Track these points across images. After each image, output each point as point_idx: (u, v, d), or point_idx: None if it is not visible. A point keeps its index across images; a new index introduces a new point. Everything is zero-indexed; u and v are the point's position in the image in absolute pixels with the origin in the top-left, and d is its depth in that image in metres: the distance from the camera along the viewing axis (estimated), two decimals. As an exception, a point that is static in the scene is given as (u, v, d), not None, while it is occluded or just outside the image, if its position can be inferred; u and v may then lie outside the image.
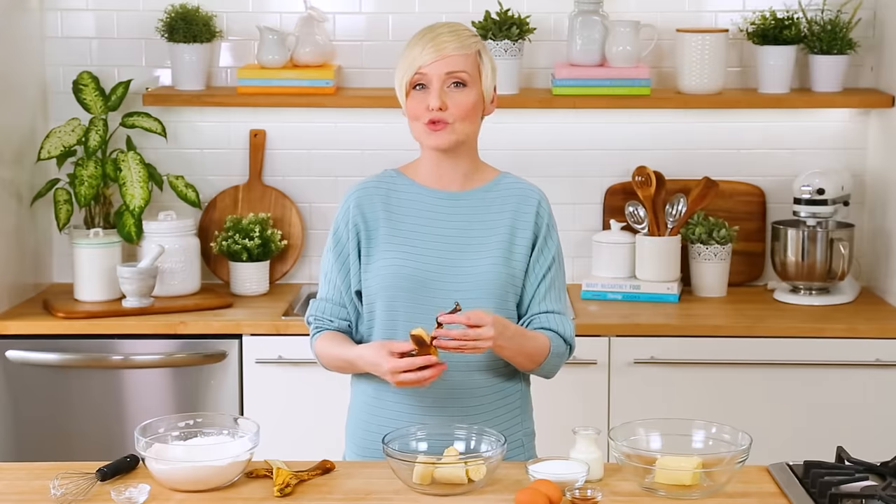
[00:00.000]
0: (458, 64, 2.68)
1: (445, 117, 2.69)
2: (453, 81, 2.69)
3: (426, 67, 2.67)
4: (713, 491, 2.49)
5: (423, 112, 2.69)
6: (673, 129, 4.32)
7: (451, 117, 2.69)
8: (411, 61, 2.69)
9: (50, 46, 4.31)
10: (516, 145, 4.29)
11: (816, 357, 3.82)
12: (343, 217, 2.79)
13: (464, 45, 2.69)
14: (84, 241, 4.06)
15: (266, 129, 4.34)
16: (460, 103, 2.69)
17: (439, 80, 2.68)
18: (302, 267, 4.38)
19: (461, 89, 2.69)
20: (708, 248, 4.14)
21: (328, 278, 2.81)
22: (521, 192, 2.80)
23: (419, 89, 2.70)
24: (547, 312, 2.77)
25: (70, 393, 3.90)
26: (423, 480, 2.48)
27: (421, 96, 2.69)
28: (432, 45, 2.67)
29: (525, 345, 2.70)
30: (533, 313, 2.77)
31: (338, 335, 2.79)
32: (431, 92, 2.68)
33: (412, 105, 2.71)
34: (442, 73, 2.67)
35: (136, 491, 2.45)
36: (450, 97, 2.69)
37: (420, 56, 2.67)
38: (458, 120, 2.70)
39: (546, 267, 2.77)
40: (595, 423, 3.40)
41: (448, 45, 2.67)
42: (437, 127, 2.69)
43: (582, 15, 4.17)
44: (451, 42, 2.68)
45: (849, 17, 4.18)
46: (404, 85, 2.71)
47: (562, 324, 2.77)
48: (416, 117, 2.71)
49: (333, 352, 2.75)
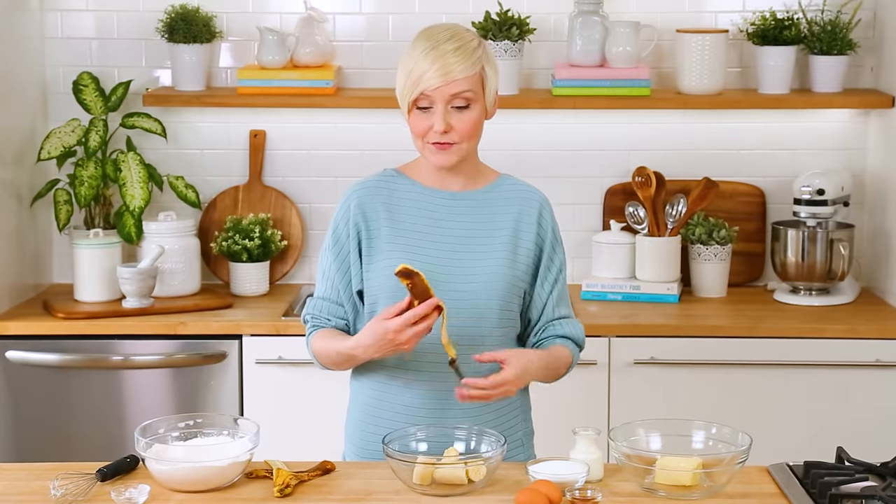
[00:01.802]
0: (462, 85, 2.65)
1: (450, 139, 2.68)
2: (458, 103, 2.67)
3: (431, 91, 2.65)
4: (713, 491, 2.49)
5: (428, 132, 2.69)
6: (673, 129, 4.32)
7: (457, 137, 2.69)
8: (416, 80, 2.65)
9: (50, 47, 4.31)
10: (516, 146, 4.29)
11: (816, 357, 3.82)
12: (343, 216, 2.78)
13: (469, 65, 2.65)
14: (84, 242, 4.06)
15: (266, 129, 4.34)
16: (465, 124, 2.68)
17: (443, 101, 2.66)
18: (302, 267, 4.38)
19: (465, 110, 2.68)
20: (708, 249, 4.14)
21: (326, 277, 2.80)
22: (524, 194, 2.80)
23: (423, 109, 2.68)
24: (561, 318, 2.80)
25: (70, 393, 3.90)
26: (423, 481, 2.48)
27: (425, 116, 2.68)
28: (438, 68, 2.63)
29: (550, 367, 2.75)
30: (548, 320, 2.79)
31: (334, 331, 2.78)
32: (436, 114, 2.66)
33: (415, 123, 2.69)
34: (447, 96, 2.65)
35: (136, 491, 2.45)
36: (454, 118, 2.67)
37: (425, 79, 2.64)
38: (464, 140, 2.70)
39: (557, 272, 2.79)
40: (595, 423, 3.40)
41: (454, 67, 2.64)
42: (444, 148, 2.69)
43: (582, 15, 4.17)
44: (457, 64, 2.64)
45: (849, 17, 4.18)
46: (407, 102, 2.69)
47: (575, 327, 2.82)
48: (420, 135, 2.70)
49: (331, 347, 2.74)
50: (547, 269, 2.78)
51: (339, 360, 2.75)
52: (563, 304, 2.81)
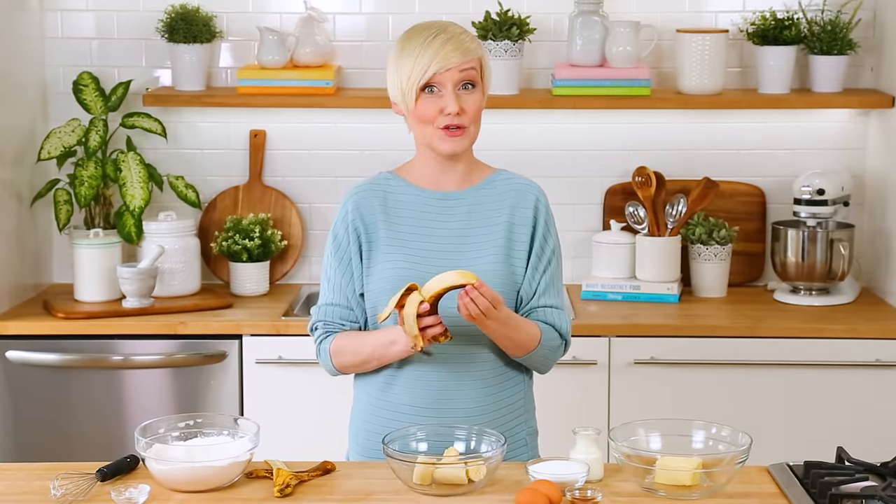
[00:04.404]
0: (469, 64, 2.68)
1: (462, 121, 2.69)
2: (464, 83, 2.68)
3: (442, 73, 2.65)
4: (713, 491, 2.49)
5: (438, 116, 2.68)
6: (673, 129, 4.32)
7: (467, 120, 2.69)
8: (424, 66, 2.65)
9: (50, 46, 4.31)
10: (516, 146, 4.29)
11: (816, 357, 3.82)
12: (342, 221, 2.79)
13: (474, 48, 2.69)
14: (84, 242, 4.06)
15: (266, 129, 4.34)
16: (473, 105, 2.69)
17: (453, 83, 2.67)
18: (302, 267, 4.38)
19: (471, 91, 2.69)
20: (708, 249, 4.14)
21: (332, 283, 2.79)
22: (518, 187, 2.80)
23: (429, 93, 2.68)
24: (545, 307, 2.77)
25: (70, 393, 3.90)
26: (424, 481, 2.48)
27: (434, 100, 2.68)
28: (444, 54, 2.65)
29: (514, 330, 2.69)
30: (532, 307, 2.77)
31: (359, 331, 2.78)
32: (447, 95, 2.67)
33: (424, 108, 2.68)
34: (456, 76, 2.66)
35: (136, 491, 2.45)
36: (463, 100, 2.68)
37: (436, 61, 2.64)
38: (473, 122, 2.71)
39: (546, 262, 2.77)
40: (595, 423, 3.41)
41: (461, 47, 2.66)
42: (456, 133, 2.69)
43: (582, 15, 4.17)
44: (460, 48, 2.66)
45: (849, 17, 4.18)
46: (414, 91, 2.68)
47: (559, 318, 2.78)
48: (430, 121, 2.69)
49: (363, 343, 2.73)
50: (537, 258, 2.77)
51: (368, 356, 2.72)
52: (550, 293, 2.78)
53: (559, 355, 2.81)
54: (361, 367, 2.78)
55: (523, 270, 2.76)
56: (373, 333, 2.74)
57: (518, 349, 2.73)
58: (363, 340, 2.74)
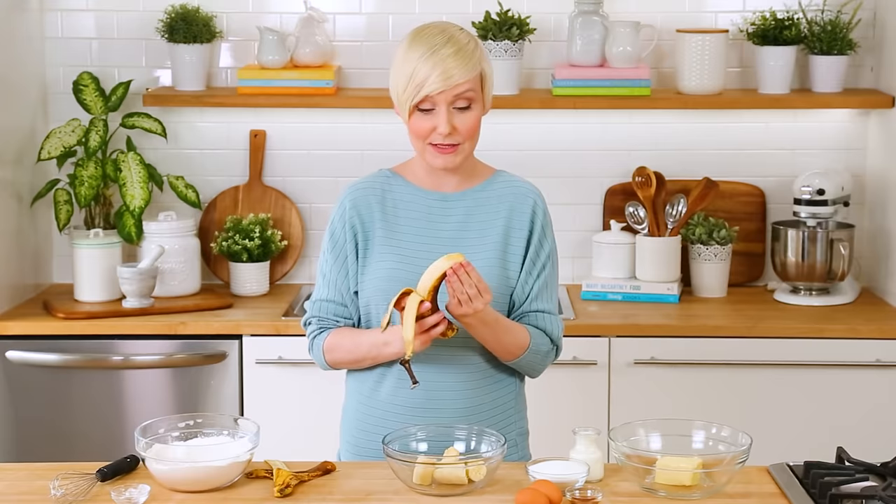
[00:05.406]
0: (465, 86, 2.65)
1: (454, 140, 2.68)
2: (460, 104, 2.67)
3: (434, 95, 2.64)
4: (713, 491, 2.49)
5: (430, 133, 2.68)
6: (673, 129, 4.32)
7: (460, 138, 2.68)
8: (417, 85, 2.64)
9: (50, 47, 4.31)
10: (516, 146, 4.29)
11: (816, 357, 3.82)
12: (340, 218, 2.79)
13: (470, 68, 2.65)
14: (84, 242, 4.06)
15: (266, 129, 4.34)
16: (467, 124, 2.68)
17: (446, 103, 2.66)
18: (302, 267, 4.38)
19: (467, 111, 2.68)
20: (708, 249, 4.14)
21: (327, 279, 2.80)
22: (517, 190, 2.80)
23: (424, 111, 2.68)
24: (537, 311, 2.77)
25: (70, 393, 3.90)
26: (423, 481, 2.48)
27: (427, 118, 2.67)
28: (440, 73, 2.62)
29: (503, 333, 2.69)
30: (524, 311, 2.77)
31: (353, 328, 2.78)
32: (439, 115, 2.66)
33: (417, 124, 2.68)
34: (450, 97, 2.65)
35: (136, 491, 2.45)
36: (457, 119, 2.67)
37: (428, 83, 2.63)
38: (466, 140, 2.70)
39: (541, 266, 2.77)
40: (595, 423, 3.41)
41: (456, 71, 2.63)
42: (447, 150, 2.69)
43: (582, 15, 4.17)
44: (458, 68, 2.63)
45: (849, 17, 4.18)
46: (408, 106, 2.67)
47: (551, 323, 2.78)
48: (422, 137, 2.70)
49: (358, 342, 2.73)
50: (531, 261, 2.77)
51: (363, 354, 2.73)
52: (543, 298, 2.77)
53: (550, 360, 2.81)
54: (354, 365, 2.79)
55: (517, 274, 2.76)
56: (368, 332, 2.75)
57: (507, 353, 2.73)
58: (358, 339, 2.74)
